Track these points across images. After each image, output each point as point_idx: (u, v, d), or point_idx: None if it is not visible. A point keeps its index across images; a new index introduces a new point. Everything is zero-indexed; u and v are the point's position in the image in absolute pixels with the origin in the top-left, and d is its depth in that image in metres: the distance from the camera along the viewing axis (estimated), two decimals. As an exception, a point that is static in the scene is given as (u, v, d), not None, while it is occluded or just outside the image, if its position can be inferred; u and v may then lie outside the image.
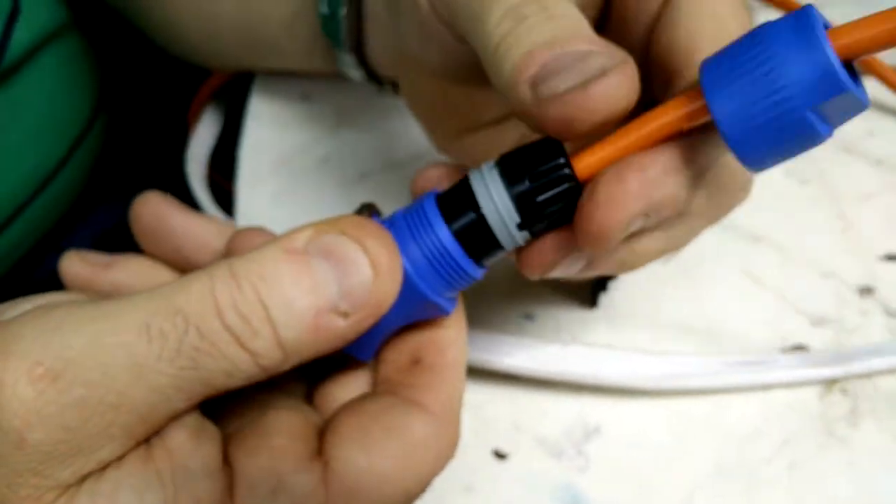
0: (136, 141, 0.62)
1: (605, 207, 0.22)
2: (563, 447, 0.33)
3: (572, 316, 0.37)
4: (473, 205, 0.23)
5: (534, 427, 0.34)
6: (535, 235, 0.24)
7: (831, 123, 0.21)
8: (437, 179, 0.27)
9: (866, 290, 0.37)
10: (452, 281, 0.24)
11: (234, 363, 0.21)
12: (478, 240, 0.24)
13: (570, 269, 0.26)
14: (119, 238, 0.58)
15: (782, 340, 0.36)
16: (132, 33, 0.49)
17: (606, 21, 0.29)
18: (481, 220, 0.23)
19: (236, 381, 0.22)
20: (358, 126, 0.44)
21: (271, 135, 0.44)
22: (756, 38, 0.21)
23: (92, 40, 0.53)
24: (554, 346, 0.34)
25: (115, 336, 0.21)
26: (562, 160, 0.23)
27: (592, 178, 0.23)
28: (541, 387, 0.34)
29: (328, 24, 0.37)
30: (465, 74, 0.28)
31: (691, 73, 0.24)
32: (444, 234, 0.24)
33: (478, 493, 0.32)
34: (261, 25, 0.41)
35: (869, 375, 0.34)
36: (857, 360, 0.34)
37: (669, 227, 0.27)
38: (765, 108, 0.20)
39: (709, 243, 0.39)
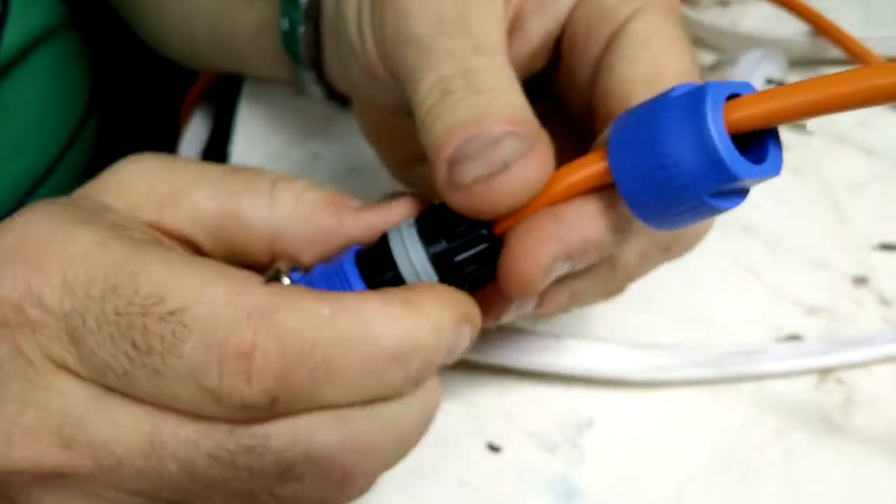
0: (129, 140, 0.62)
1: (522, 257, 0.23)
2: (556, 440, 0.33)
3: (565, 309, 0.36)
4: (392, 264, 0.24)
5: (527, 420, 0.33)
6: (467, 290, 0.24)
7: (739, 195, 0.20)
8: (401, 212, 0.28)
9: (860, 280, 0.37)
10: None
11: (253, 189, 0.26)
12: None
13: (522, 312, 0.26)
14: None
15: (776, 331, 0.36)
16: (125, 32, 0.49)
17: (556, 68, 0.30)
18: (399, 280, 0.24)
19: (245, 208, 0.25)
20: (349, 121, 0.44)
21: (262, 131, 0.44)
22: (655, 110, 0.20)
23: (86, 39, 0.53)
24: (546, 339, 0.34)
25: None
26: (484, 231, 0.23)
27: (509, 231, 0.23)
28: (533, 380, 0.34)
29: (288, 40, 0.37)
30: (409, 111, 0.28)
31: None
32: (359, 290, 0.24)
33: (472, 486, 0.32)
34: (230, 34, 0.41)
35: (864, 365, 0.34)
36: (851, 350, 0.34)
37: (604, 272, 0.27)
38: (661, 186, 0.20)
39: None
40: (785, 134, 0.42)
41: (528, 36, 0.28)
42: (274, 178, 0.26)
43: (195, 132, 0.48)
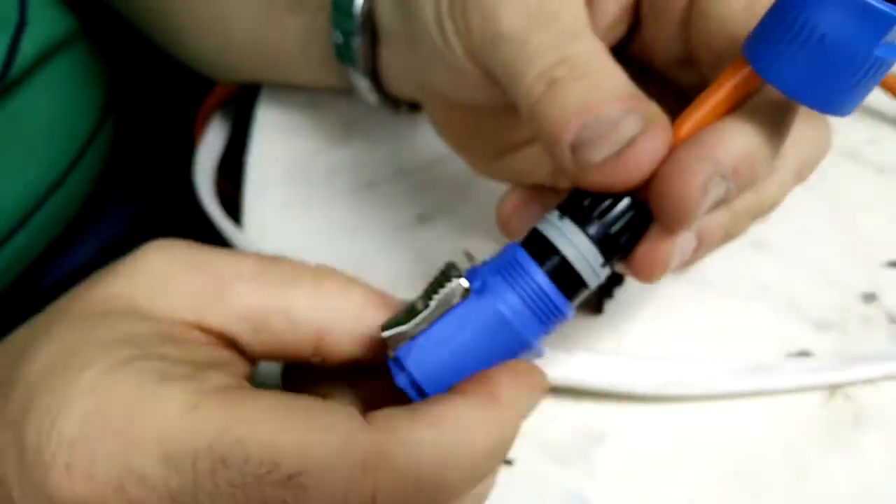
0: (143, 149, 0.62)
1: (678, 180, 0.23)
2: (569, 453, 0.33)
3: (578, 322, 0.37)
4: (555, 252, 0.25)
5: (540, 433, 0.34)
6: (614, 264, 0.26)
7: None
8: (516, 206, 0.29)
9: (870, 297, 0.37)
10: (549, 323, 0.26)
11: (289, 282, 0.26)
12: (567, 283, 0.25)
13: (684, 257, 0.26)
14: (123, 251, 0.59)
15: (786, 346, 0.36)
16: (140, 41, 0.49)
17: (634, 33, 0.30)
18: (567, 264, 0.25)
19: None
20: (366, 134, 0.45)
21: (279, 143, 0.45)
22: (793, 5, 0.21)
23: (100, 48, 0.54)
24: (559, 352, 0.34)
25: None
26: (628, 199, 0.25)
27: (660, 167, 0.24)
28: (546, 393, 0.34)
29: (342, 52, 0.37)
30: (497, 105, 0.29)
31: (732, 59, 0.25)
32: (541, 278, 0.25)
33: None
34: (276, 42, 0.41)
35: (873, 381, 0.35)
36: (860, 366, 0.34)
37: (750, 202, 0.28)
38: (825, 62, 0.21)
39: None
40: (795, 151, 0.42)
41: (605, 8, 0.29)
42: (314, 271, 0.26)
43: (211, 143, 0.48)
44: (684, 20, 0.27)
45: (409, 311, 0.25)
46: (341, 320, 0.25)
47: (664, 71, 0.30)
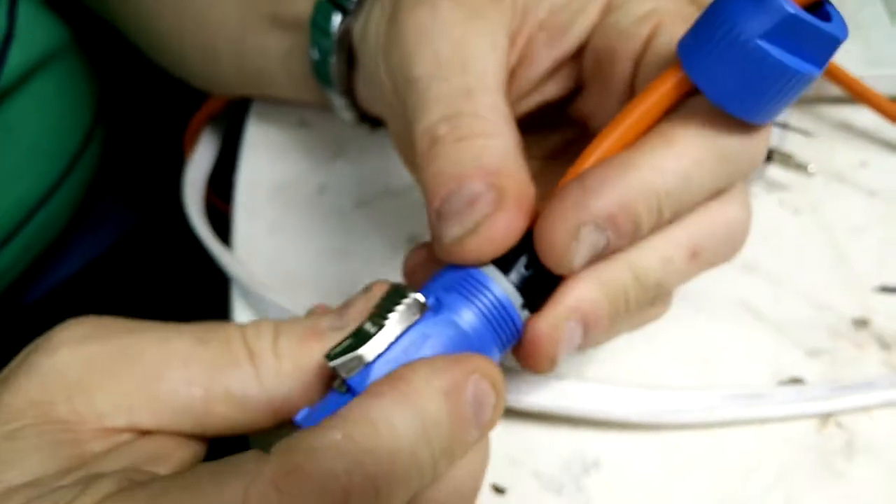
0: (132, 163, 0.62)
1: (550, 225, 0.24)
2: (562, 481, 0.33)
3: (570, 348, 0.37)
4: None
5: (532, 461, 0.34)
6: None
7: (811, 60, 0.22)
8: (421, 261, 0.28)
9: (861, 323, 0.37)
10: (505, 337, 0.25)
11: (236, 356, 0.24)
12: (531, 292, 0.25)
13: (572, 344, 0.26)
14: (111, 264, 0.58)
15: (778, 373, 0.36)
16: (130, 53, 0.49)
17: (576, 95, 0.30)
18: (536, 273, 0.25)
19: (234, 382, 0.24)
20: (355, 154, 0.44)
21: (268, 162, 0.45)
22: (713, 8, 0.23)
23: (90, 61, 0.53)
24: (551, 380, 0.34)
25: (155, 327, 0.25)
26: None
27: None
28: (539, 421, 0.34)
29: (319, 68, 0.37)
30: None
31: None
32: (498, 291, 0.25)
33: (477, 527, 0.32)
34: (258, 59, 0.41)
35: (865, 409, 0.35)
36: (852, 394, 0.34)
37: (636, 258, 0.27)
38: (724, 52, 0.22)
39: (704, 274, 0.39)
40: (786, 175, 0.42)
41: (537, 65, 0.29)
42: (241, 338, 0.24)
43: (200, 160, 0.48)
44: (626, 92, 0.28)
45: (360, 335, 0.23)
46: (286, 381, 0.24)
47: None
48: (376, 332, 0.23)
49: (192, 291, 0.53)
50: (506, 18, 0.28)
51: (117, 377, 0.23)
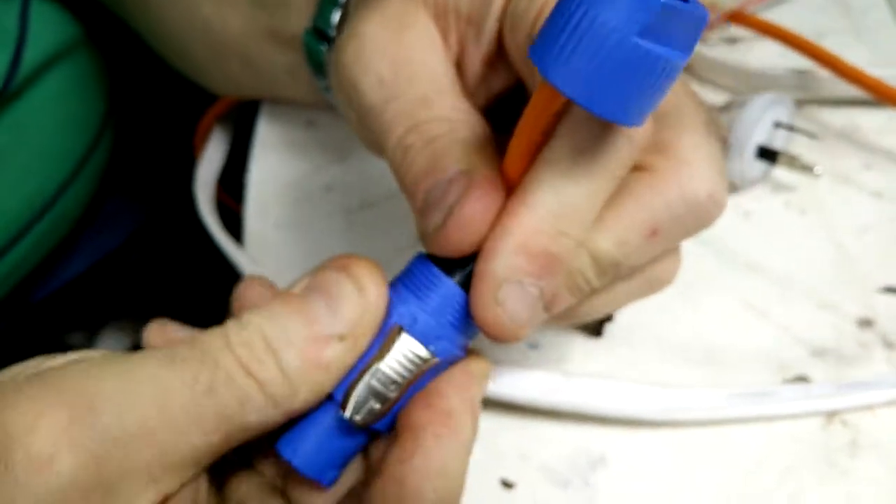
0: (142, 161, 0.62)
1: (477, 293, 0.24)
2: (569, 477, 0.33)
3: (577, 345, 0.37)
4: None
5: (540, 457, 0.34)
6: None
7: (672, 44, 0.20)
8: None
9: (865, 322, 0.38)
10: (463, 327, 0.25)
11: (245, 391, 0.23)
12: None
13: (535, 314, 0.25)
14: (120, 262, 0.59)
15: (783, 371, 0.36)
16: (141, 50, 0.49)
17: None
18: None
19: (251, 416, 0.23)
20: (362, 154, 0.45)
21: (277, 162, 0.45)
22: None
23: (101, 58, 0.53)
24: (559, 377, 0.34)
25: (143, 369, 0.22)
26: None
27: None
28: (547, 417, 0.35)
29: (328, 91, 0.38)
30: None
31: None
32: (450, 284, 0.25)
33: (485, 522, 0.32)
34: (263, 65, 0.41)
35: (870, 407, 0.35)
36: (857, 393, 0.35)
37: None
38: (594, 55, 0.19)
39: (710, 274, 0.40)
40: (792, 176, 0.43)
41: (473, 60, 0.29)
42: (241, 369, 0.23)
43: (211, 158, 0.48)
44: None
45: (377, 395, 0.24)
46: (304, 396, 0.24)
47: None
48: (394, 396, 0.24)
49: (201, 289, 0.53)
50: (431, 22, 0.28)
51: (131, 464, 0.22)
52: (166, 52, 0.47)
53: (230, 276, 0.42)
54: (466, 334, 0.26)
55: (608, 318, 0.37)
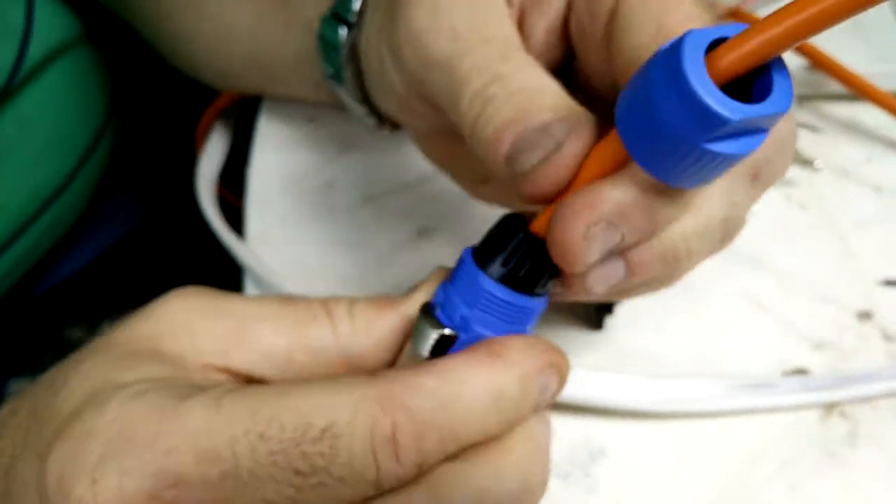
0: (144, 156, 0.62)
1: (563, 229, 0.24)
2: (569, 469, 0.34)
3: (577, 338, 0.37)
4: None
5: (540, 448, 0.34)
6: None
7: (752, 135, 0.20)
8: None
9: (865, 315, 0.38)
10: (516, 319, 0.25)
11: None
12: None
13: (609, 282, 0.26)
14: (122, 256, 0.59)
15: (783, 364, 0.37)
16: (143, 47, 0.49)
17: (574, 60, 0.30)
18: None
19: None
20: (364, 149, 0.45)
21: (279, 157, 0.45)
22: (643, 71, 0.20)
23: (102, 54, 0.54)
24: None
25: None
26: (520, 235, 0.25)
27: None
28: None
29: (335, 79, 0.37)
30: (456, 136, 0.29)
31: None
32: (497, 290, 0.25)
33: (486, 513, 0.33)
34: (270, 62, 0.41)
35: (868, 399, 0.35)
36: (856, 385, 0.35)
37: (659, 247, 0.27)
38: (662, 141, 0.20)
39: (710, 268, 0.40)
40: (792, 170, 0.43)
41: (532, 35, 0.29)
42: (321, 302, 0.26)
43: (213, 153, 0.48)
44: (608, 49, 0.27)
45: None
46: (361, 338, 0.26)
47: (607, 97, 0.29)
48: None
49: (203, 283, 0.53)
50: None
51: (217, 324, 0.25)
52: (168, 52, 0.47)
53: (231, 270, 0.42)
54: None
55: (609, 311, 0.37)
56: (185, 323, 0.25)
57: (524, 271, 0.25)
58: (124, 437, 0.21)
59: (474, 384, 0.23)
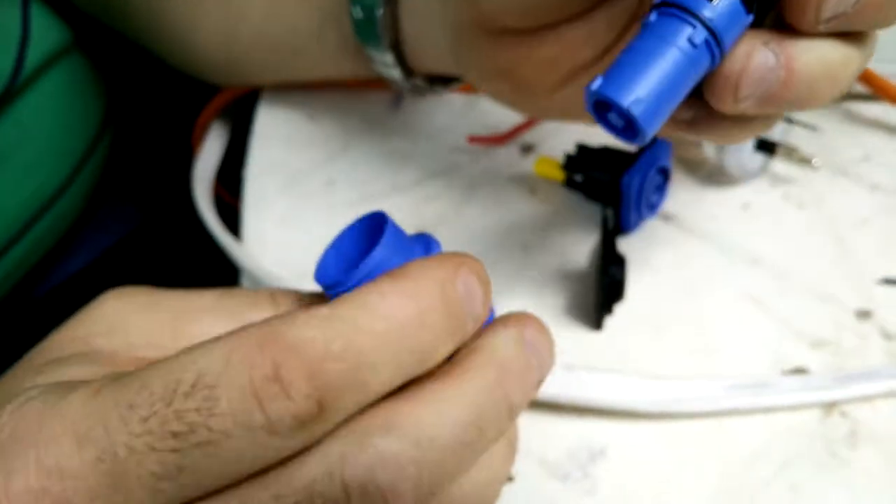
0: (141, 159, 0.62)
1: None
2: (568, 470, 0.34)
3: (577, 338, 0.37)
4: None
5: (540, 449, 0.34)
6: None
7: None
8: None
9: (864, 314, 0.38)
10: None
11: None
12: None
13: (764, 82, 0.25)
14: (120, 257, 0.59)
15: (782, 363, 0.36)
16: (136, 52, 0.49)
17: None
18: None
19: None
20: (363, 148, 0.45)
21: (277, 156, 0.45)
22: None
23: (96, 60, 0.54)
24: (559, 370, 0.34)
25: None
26: None
27: None
28: (546, 410, 0.35)
29: (363, 28, 0.36)
30: (555, 8, 0.28)
31: None
32: None
33: (485, 514, 0.32)
34: (288, 36, 0.41)
35: (868, 399, 0.35)
36: (856, 384, 0.35)
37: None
38: None
39: (708, 265, 0.40)
40: (790, 169, 0.43)
41: None
42: (271, 292, 0.26)
43: (209, 154, 0.48)
44: None
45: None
46: None
47: None
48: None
49: (200, 284, 0.53)
50: None
51: (151, 318, 0.25)
52: (170, 51, 0.47)
53: (229, 271, 0.42)
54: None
55: (607, 311, 0.37)
56: (118, 321, 0.25)
57: None
58: (12, 440, 0.21)
59: (382, 306, 0.21)
